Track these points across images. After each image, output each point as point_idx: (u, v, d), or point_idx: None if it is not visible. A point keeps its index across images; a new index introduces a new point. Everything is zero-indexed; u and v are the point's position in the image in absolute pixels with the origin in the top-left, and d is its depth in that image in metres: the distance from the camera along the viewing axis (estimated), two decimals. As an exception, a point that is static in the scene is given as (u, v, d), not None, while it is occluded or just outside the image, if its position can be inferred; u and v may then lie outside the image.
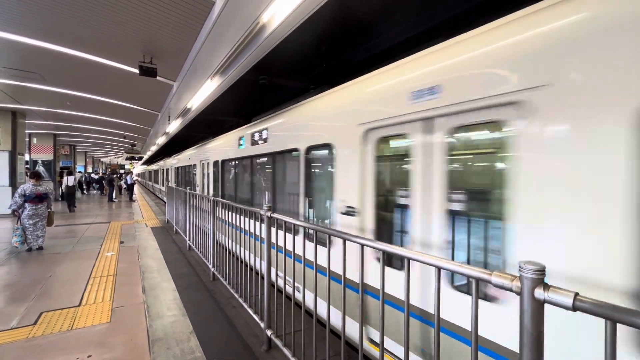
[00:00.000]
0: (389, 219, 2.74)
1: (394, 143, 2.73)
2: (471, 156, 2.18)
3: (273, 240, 2.88)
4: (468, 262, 2.14)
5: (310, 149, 3.72)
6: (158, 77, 6.72)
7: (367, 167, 2.86)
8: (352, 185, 2.97)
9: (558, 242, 1.56)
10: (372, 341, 2.71)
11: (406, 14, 4.60)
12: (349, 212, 2.99)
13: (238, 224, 3.89)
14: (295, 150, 3.95)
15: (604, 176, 1.41)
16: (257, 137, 5.20)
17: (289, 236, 3.53)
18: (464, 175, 2.20)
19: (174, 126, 11.24)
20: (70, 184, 12.70)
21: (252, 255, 4.38)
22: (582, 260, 1.48)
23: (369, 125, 2.79)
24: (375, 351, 2.66)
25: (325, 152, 3.49)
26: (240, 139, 6.00)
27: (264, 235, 2.95)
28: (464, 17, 4.09)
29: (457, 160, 2.19)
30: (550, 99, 1.60)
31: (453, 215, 2.15)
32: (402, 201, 2.57)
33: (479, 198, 2.08)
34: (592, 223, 1.45)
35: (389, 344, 2.53)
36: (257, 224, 3.49)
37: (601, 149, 1.43)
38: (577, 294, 0.92)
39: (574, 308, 0.92)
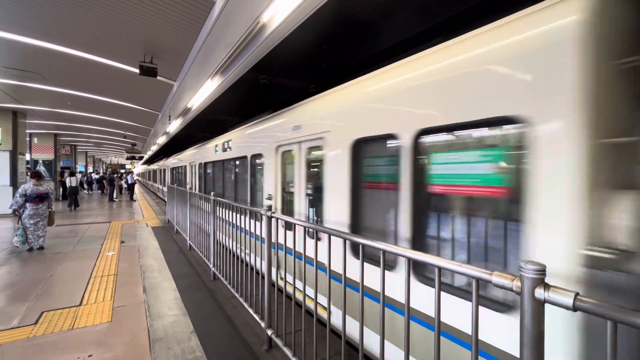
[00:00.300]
0: (287, 200, 4.40)
1: (288, 155, 4.33)
2: (315, 163, 3.74)
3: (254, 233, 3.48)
4: (316, 215, 3.74)
5: (253, 156, 5.39)
6: (158, 77, 6.72)
7: (277, 169, 4.53)
8: (271, 180, 4.61)
9: (334, 207, 3.24)
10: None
11: (406, 13, 4.59)
12: (269, 197, 4.65)
13: (237, 222, 3.99)
14: (245, 157, 5.70)
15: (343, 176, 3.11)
16: (225, 146, 6.99)
17: (289, 234, 3.92)
18: (312, 175, 3.80)
19: (174, 126, 11.24)
20: (73, 184, 13.36)
21: (247, 251, 4.66)
22: (338, 214, 3.16)
23: (278, 143, 4.47)
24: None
25: (261, 159, 5.04)
26: (215, 146, 7.75)
27: (263, 234, 2.95)
28: (464, 17, 4.08)
29: (310, 165, 3.83)
30: (331, 136, 3.29)
31: (308, 196, 3.88)
32: (292, 189, 4.21)
33: (316, 187, 3.70)
34: (342, 198, 3.09)
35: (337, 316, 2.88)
36: (245, 219, 4.27)
37: (342, 163, 3.11)
38: (577, 294, 0.92)
39: (575, 308, 0.91)
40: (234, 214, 3.95)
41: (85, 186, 21.72)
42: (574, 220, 1.48)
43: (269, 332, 2.88)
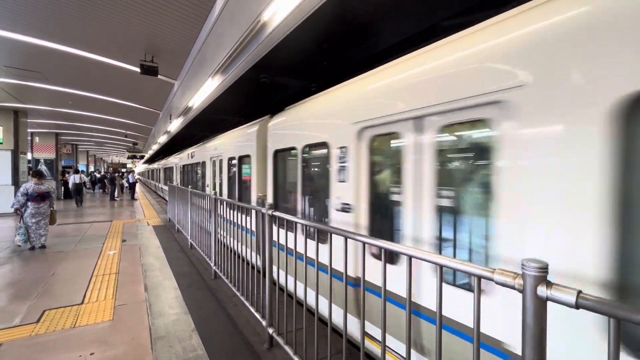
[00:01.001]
0: (233, 191, 6.26)
1: (234, 162, 6.18)
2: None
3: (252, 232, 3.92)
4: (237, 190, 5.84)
5: (209, 160, 8.18)
6: (159, 76, 6.72)
7: (223, 170, 6.87)
8: (216, 177, 7.29)
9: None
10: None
11: (407, 12, 4.58)
12: (214, 188, 6.80)
13: (236, 219, 4.00)
14: (204, 161, 8.65)
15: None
16: (194, 154, 10.27)
17: (288, 233, 3.73)
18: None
19: (175, 125, 11.26)
20: (77, 181, 14.27)
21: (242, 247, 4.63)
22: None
23: (228, 155, 6.56)
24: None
25: (210, 163, 8.11)
26: (189, 153, 11.10)
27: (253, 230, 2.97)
28: (464, 15, 4.07)
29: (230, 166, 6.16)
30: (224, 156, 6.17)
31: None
32: (245, 182, 5.72)
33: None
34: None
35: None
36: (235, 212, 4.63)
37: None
38: (580, 292, 0.92)
39: (577, 306, 0.91)
40: (234, 211, 3.95)
41: (89, 185, 21.83)
42: None
43: (270, 330, 2.89)
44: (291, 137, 4.00)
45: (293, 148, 3.93)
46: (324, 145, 3.29)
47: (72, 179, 14.51)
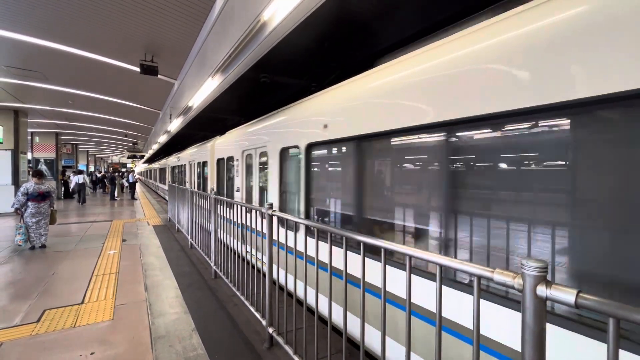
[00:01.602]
0: (199, 183, 9.51)
1: (200, 164, 9.53)
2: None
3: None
4: (202, 183, 9.32)
5: (187, 164, 11.40)
6: (159, 76, 6.72)
7: (194, 172, 10.33)
8: (193, 176, 10.56)
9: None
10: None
11: (407, 11, 4.57)
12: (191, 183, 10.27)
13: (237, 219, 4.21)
14: (184, 165, 11.90)
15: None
16: (181, 157, 13.14)
17: (289, 232, 3.92)
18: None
19: (175, 124, 11.25)
20: (80, 181, 15.24)
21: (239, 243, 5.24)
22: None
23: (197, 161, 9.79)
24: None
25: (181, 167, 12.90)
26: (177, 157, 14.32)
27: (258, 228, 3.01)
28: (465, 13, 4.06)
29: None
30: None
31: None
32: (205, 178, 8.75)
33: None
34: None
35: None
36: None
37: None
38: (579, 291, 0.92)
39: (577, 305, 0.91)
40: (232, 210, 3.97)
41: (90, 185, 21.94)
42: None
43: (270, 330, 2.89)
44: (222, 152, 7.23)
45: (222, 159, 7.23)
46: (232, 158, 6.49)
47: (76, 179, 15.35)
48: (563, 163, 1.61)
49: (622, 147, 1.41)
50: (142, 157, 33.64)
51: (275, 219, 2.85)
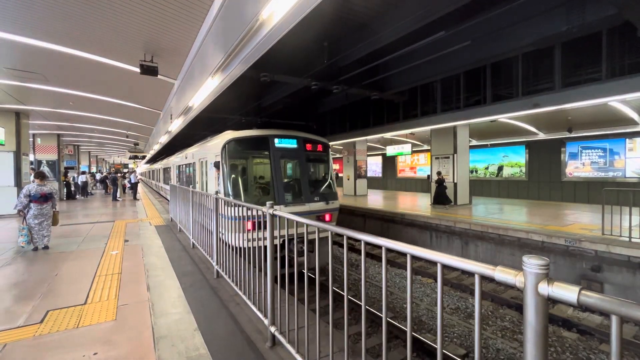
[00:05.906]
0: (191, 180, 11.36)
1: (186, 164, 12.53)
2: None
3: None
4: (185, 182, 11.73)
5: (175, 166, 15.06)
6: (159, 76, 6.72)
7: (181, 170, 13.52)
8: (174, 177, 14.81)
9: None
10: None
11: (407, 10, 4.55)
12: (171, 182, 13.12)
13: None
14: (169, 166, 17.03)
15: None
16: (188, 154, 13.10)
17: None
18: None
19: (176, 125, 11.26)
20: (84, 180, 18.53)
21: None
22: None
23: (177, 164, 14.14)
24: None
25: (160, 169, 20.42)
26: (184, 155, 14.37)
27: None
28: (466, 11, 4.04)
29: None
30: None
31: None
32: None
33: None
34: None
35: None
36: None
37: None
38: (582, 289, 0.91)
39: (579, 303, 0.90)
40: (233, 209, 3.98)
41: (92, 182, 22.45)
42: None
43: (272, 329, 2.89)
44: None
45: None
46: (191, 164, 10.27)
47: (81, 178, 18.86)
48: None
49: None
50: (143, 157, 33.71)
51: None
